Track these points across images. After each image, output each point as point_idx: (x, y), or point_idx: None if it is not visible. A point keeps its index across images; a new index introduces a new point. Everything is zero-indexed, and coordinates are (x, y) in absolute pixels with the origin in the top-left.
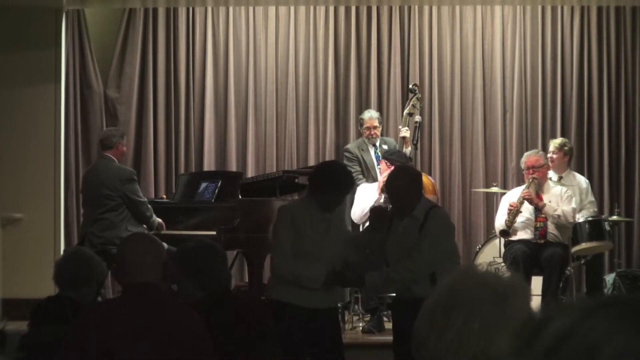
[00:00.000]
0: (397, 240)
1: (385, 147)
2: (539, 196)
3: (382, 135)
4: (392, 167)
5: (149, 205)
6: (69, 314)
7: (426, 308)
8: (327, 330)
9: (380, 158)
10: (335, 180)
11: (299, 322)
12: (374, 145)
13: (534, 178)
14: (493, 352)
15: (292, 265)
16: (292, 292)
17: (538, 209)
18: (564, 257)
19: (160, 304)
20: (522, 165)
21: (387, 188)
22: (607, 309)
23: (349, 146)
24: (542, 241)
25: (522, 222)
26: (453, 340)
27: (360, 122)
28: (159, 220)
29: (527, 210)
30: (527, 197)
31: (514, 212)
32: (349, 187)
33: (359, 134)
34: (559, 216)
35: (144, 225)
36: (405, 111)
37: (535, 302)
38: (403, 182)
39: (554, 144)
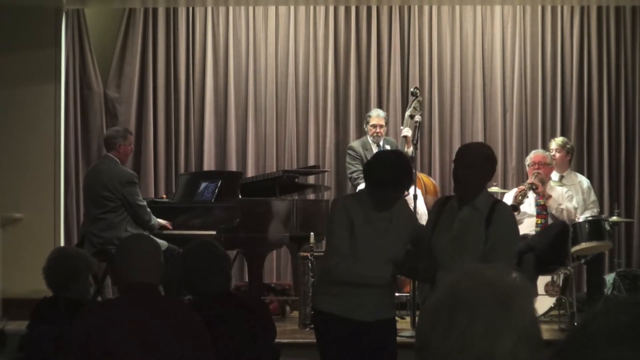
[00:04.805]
0: (454, 234)
1: (387, 147)
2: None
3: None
4: None
5: (148, 210)
6: (65, 314)
7: (428, 309)
8: (380, 343)
9: None
10: (392, 175)
11: (350, 335)
12: (378, 145)
13: (538, 172)
14: (497, 354)
15: (351, 264)
16: (344, 304)
17: (542, 204)
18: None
19: (159, 304)
20: (528, 162)
21: (457, 163)
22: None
23: (353, 144)
24: None
25: (525, 212)
26: (457, 342)
27: (366, 119)
28: (163, 221)
29: (529, 205)
30: (534, 184)
31: (522, 193)
32: (408, 183)
33: (362, 132)
34: (562, 210)
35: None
36: (407, 113)
37: (539, 301)
38: (479, 157)
39: (555, 142)
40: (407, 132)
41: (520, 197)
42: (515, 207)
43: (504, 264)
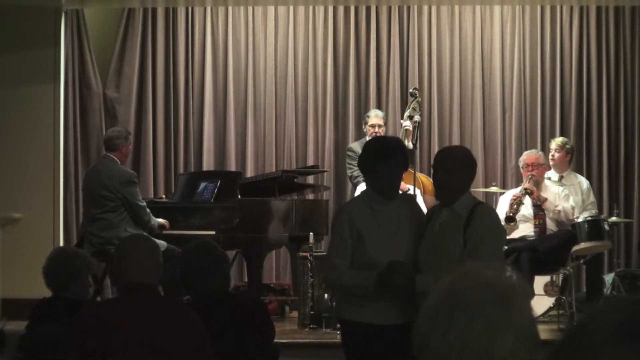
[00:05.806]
0: (434, 239)
1: None
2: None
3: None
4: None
5: (148, 210)
6: (64, 314)
7: (427, 308)
8: (400, 347)
9: None
10: (382, 153)
11: (370, 340)
12: None
13: (532, 175)
14: (496, 353)
15: (341, 275)
16: (362, 309)
17: (538, 204)
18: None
19: (158, 304)
20: (521, 163)
21: (437, 167)
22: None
23: (352, 145)
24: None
25: (523, 215)
26: (456, 341)
27: (365, 120)
28: (162, 220)
29: (526, 207)
30: (529, 189)
31: (518, 201)
32: (399, 158)
33: (361, 132)
34: (559, 211)
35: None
36: (406, 114)
37: (538, 301)
38: (460, 161)
39: (555, 142)
40: (408, 125)
41: (515, 206)
42: (512, 217)
43: (488, 263)
